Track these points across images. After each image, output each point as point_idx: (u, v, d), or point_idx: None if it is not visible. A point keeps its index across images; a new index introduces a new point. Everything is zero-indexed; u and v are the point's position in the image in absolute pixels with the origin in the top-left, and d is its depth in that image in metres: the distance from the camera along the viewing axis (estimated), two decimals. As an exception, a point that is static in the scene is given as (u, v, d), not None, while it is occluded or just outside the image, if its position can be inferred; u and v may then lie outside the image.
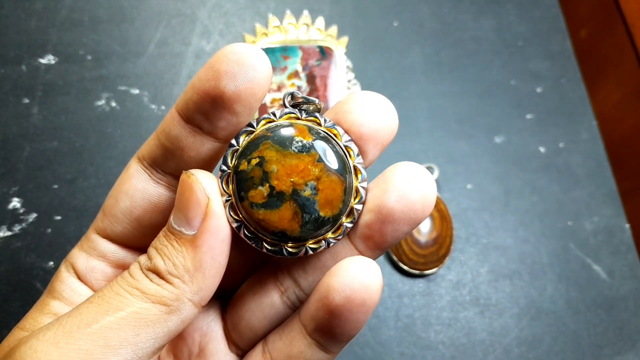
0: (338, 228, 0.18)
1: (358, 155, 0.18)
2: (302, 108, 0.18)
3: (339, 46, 0.43)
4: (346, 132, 0.18)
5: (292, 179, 0.17)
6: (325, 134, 0.18)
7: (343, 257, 0.18)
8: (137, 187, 0.19)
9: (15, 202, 0.37)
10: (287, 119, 0.18)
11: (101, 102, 0.40)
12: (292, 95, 0.18)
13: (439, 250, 0.38)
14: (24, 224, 0.37)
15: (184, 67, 0.42)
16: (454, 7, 0.47)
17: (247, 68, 0.16)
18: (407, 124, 0.43)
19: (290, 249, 0.18)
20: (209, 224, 0.16)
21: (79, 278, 0.20)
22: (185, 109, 0.17)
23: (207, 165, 0.19)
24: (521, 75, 0.45)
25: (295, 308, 0.20)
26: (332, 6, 0.45)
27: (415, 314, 0.38)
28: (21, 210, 0.37)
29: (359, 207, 0.18)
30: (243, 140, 0.18)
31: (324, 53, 0.42)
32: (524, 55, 0.46)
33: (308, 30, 0.44)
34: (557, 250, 0.40)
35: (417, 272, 0.38)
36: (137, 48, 0.42)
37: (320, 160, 0.17)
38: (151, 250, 0.17)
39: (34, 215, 0.37)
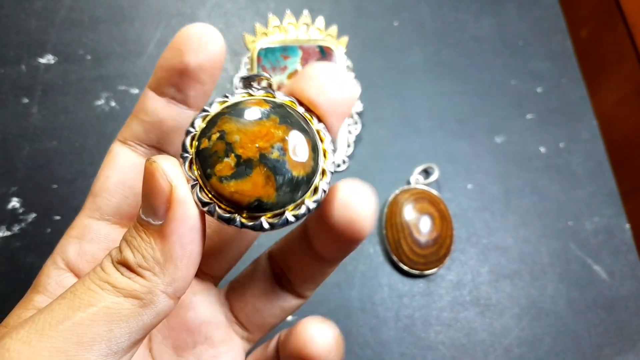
0: (315, 191, 0.17)
1: (319, 122, 0.18)
2: (255, 86, 0.18)
3: (339, 46, 0.43)
4: (302, 105, 0.18)
5: (257, 145, 0.16)
6: (282, 104, 0.18)
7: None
8: (125, 160, 0.20)
9: (14, 202, 0.37)
10: (240, 97, 0.18)
11: (101, 102, 0.40)
12: (245, 77, 0.19)
13: (439, 250, 0.38)
14: (23, 224, 0.37)
15: (184, 67, 0.42)
16: (454, 7, 0.47)
17: (204, 43, 0.18)
18: (407, 124, 0.42)
19: (270, 220, 0.17)
20: (175, 211, 0.16)
21: (69, 268, 0.19)
22: (157, 85, 0.19)
23: None
24: (521, 75, 0.45)
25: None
26: (332, 6, 0.45)
27: (415, 314, 0.38)
28: (20, 210, 0.37)
29: (331, 168, 0.18)
30: (200, 124, 0.17)
31: (324, 53, 0.42)
32: (524, 55, 0.46)
33: (308, 30, 0.44)
34: (557, 250, 0.40)
35: (417, 272, 0.38)
36: (136, 48, 0.42)
37: (281, 122, 0.16)
38: (122, 242, 0.17)
39: (34, 215, 0.37)
